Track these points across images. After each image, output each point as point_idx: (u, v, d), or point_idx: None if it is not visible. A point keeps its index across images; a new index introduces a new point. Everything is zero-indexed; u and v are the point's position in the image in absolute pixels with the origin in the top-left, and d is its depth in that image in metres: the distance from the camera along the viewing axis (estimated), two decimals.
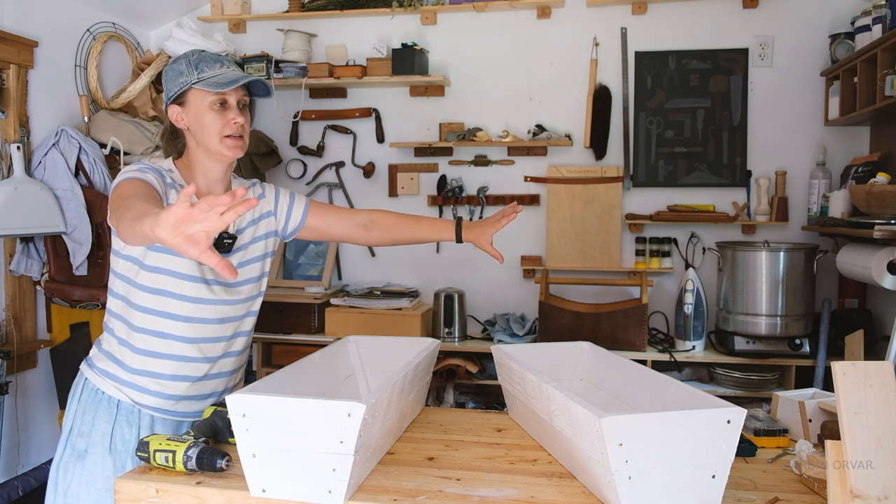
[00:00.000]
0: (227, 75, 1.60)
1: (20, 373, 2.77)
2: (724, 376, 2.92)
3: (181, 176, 1.66)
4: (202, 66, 1.60)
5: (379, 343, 1.90)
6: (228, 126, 1.61)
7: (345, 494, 1.25)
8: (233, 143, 1.61)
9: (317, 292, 3.32)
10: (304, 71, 3.39)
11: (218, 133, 1.60)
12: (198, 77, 1.59)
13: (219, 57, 1.63)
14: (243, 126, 1.63)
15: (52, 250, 2.80)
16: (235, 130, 1.61)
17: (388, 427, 1.48)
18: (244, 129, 1.64)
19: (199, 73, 1.60)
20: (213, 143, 1.61)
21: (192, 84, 1.59)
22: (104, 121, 3.05)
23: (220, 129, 1.60)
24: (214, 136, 1.60)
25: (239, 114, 1.62)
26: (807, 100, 3.15)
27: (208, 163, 1.65)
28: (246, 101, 1.65)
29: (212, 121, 1.60)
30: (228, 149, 1.61)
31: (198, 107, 1.60)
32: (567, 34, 3.33)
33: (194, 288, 1.62)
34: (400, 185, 3.49)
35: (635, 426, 1.16)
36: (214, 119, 1.60)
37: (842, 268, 2.76)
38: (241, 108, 1.63)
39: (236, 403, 1.26)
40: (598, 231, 3.29)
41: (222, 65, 1.62)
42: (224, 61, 1.63)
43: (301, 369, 1.58)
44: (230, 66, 1.63)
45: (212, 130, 1.60)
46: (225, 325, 1.68)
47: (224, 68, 1.62)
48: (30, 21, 2.82)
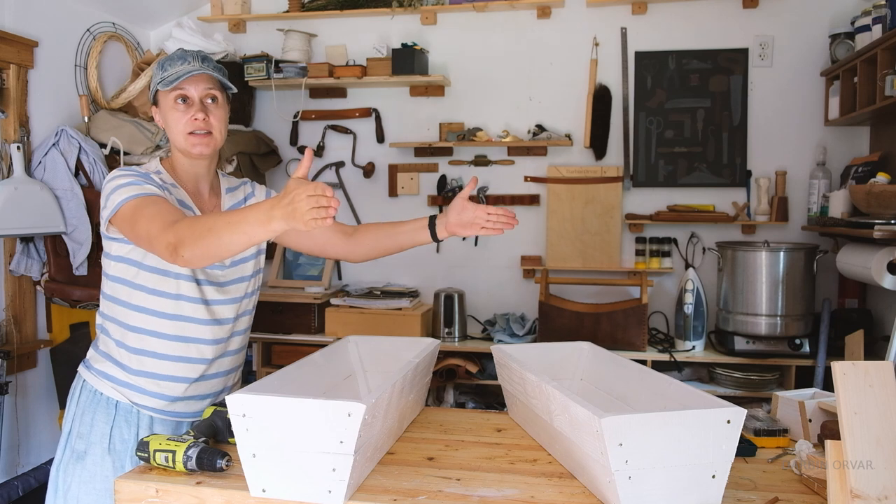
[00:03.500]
0: (182, 70, 1.57)
1: (20, 373, 2.77)
2: (724, 376, 2.92)
3: (169, 175, 1.66)
4: (166, 66, 1.59)
5: (379, 343, 1.90)
6: (190, 123, 1.58)
7: (345, 494, 1.25)
8: (196, 141, 1.59)
9: (317, 292, 3.32)
10: (304, 71, 3.39)
11: (182, 131, 1.59)
12: (161, 77, 1.59)
13: (185, 55, 1.59)
14: (207, 121, 1.59)
15: (52, 250, 2.80)
16: (197, 127, 1.58)
17: (388, 427, 1.48)
18: (210, 124, 1.60)
19: (163, 72, 1.59)
20: (179, 141, 1.60)
21: (156, 84, 1.60)
22: (104, 121, 3.05)
23: (183, 126, 1.59)
24: (179, 133, 1.59)
25: (200, 109, 1.58)
26: (807, 100, 3.15)
27: (185, 161, 1.65)
28: (214, 96, 1.61)
29: (175, 119, 1.59)
30: (193, 146, 1.60)
31: (165, 106, 1.61)
32: (567, 34, 3.33)
33: (190, 288, 1.62)
34: (400, 185, 3.49)
35: (635, 426, 1.16)
36: (178, 117, 1.59)
37: (842, 268, 2.76)
38: (207, 102, 1.60)
39: (236, 403, 1.26)
40: (598, 231, 3.29)
41: (185, 61, 1.58)
42: (188, 58, 1.59)
43: (301, 369, 1.58)
44: (193, 61, 1.58)
45: (176, 129, 1.59)
46: (221, 325, 1.68)
47: (186, 65, 1.58)
48: (30, 21, 2.82)
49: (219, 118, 1.62)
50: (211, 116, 1.60)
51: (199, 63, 1.58)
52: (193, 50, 1.62)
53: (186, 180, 1.66)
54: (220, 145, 1.65)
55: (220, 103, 1.63)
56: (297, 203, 1.25)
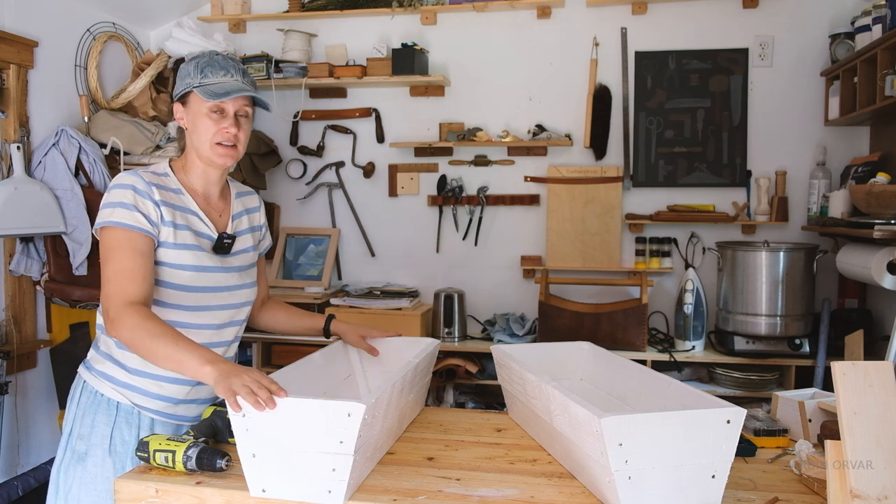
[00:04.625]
0: (227, 84, 1.60)
1: (20, 373, 2.77)
2: (724, 376, 2.92)
3: (176, 179, 1.66)
4: (207, 72, 1.61)
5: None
6: (220, 133, 1.61)
7: (345, 494, 1.25)
8: (223, 152, 1.62)
9: (317, 292, 3.32)
10: (304, 71, 3.39)
11: (210, 140, 1.61)
12: (199, 82, 1.60)
13: (227, 64, 1.63)
14: (236, 136, 1.63)
15: (52, 250, 2.80)
16: (227, 139, 1.62)
17: (388, 427, 1.48)
18: (238, 138, 1.63)
19: (203, 77, 1.61)
20: (204, 148, 1.63)
21: (193, 87, 1.61)
22: (104, 121, 3.05)
23: (213, 135, 1.61)
24: (206, 141, 1.62)
25: (233, 124, 1.62)
26: (807, 100, 3.15)
27: (200, 166, 1.67)
28: (247, 112, 1.65)
29: (206, 127, 1.61)
30: (218, 156, 1.63)
31: (196, 110, 1.62)
32: (567, 34, 3.33)
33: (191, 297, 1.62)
34: (400, 185, 3.49)
35: (635, 426, 1.16)
36: (209, 125, 1.61)
37: (842, 268, 2.76)
38: (239, 117, 1.63)
39: None
40: (598, 231, 3.29)
41: (227, 72, 1.62)
42: (230, 69, 1.62)
43: (301, 369, 1.58)
44: (235, 74, 1.63)
45: (204, 136, 1.62)
46: (224, 330, 1.69)
47: (227, 76, 1.61)
48: (30, 21, 2.82)
49: (246, 133, 1.66)
50: (241, 131, 1.64)
51: (241, 78, 1.63)
52: (232, 59, 1.65)
53: (197, 183, 1.68)
54: (240, 158, 1.69)
55: (249, 118, 1.67)
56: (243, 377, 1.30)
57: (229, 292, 1.68)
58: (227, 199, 1.75)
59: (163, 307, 1.59)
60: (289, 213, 3.63)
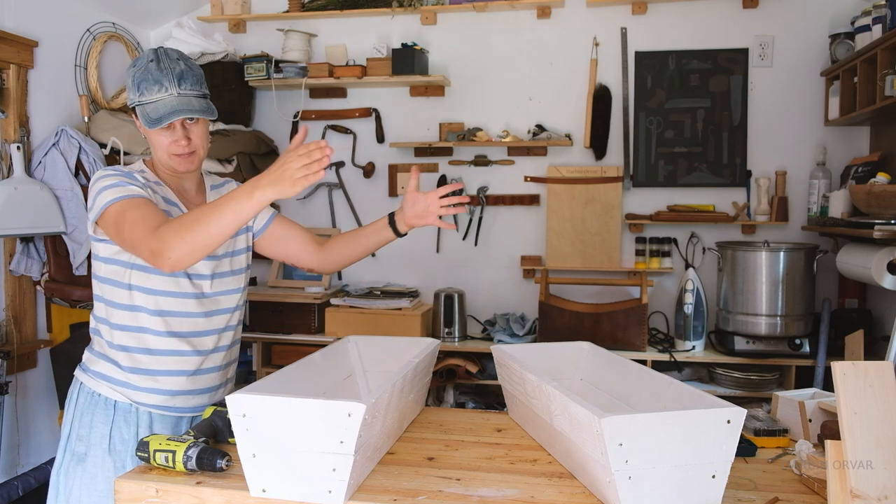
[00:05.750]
0: (161, 106, 1.55)
1: (20, 373, 2.77)
2: (724, 376, 2.92)
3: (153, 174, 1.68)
4: (143, 88, 1.56)
5: (379, 343, 1.90)
6: (172, 147, 1.59)
7: (345, 494, 1.25)
8: (180, 160, 1.61)
9: (317, 292, 3.32)
10: (304, 71, 3.39)
11: (165, 151, 1.61)
12: (138, 100, 1.57)
13: (161, 75, 1.55)
14: (191, 143, 1.60)
15: (52, 250, 2.80)
16: (181, 150, 1.60)
17: (389, 427, 1.48)
18: (194, 144, 1.61)
19: (140, 95, 1.57)
20: (163, 160, 1.63)
21: (133, 105, 1.60)
22: (104, 121, 3.05)
23: (167, 147, 1.60)
24: (162, 154, 1.62)
25: (183, 135, 1.59)
26: (807, 100, 3.15)
27: None
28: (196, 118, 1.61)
29: (158, 142, 1.60)
30: (177, 164, 1.62)
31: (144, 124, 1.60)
32: (567, 34, 3.33)
33: (184, 283, 1.63)
34: (400, 185, 3.49)
35: (635, 426, 1.16)
36: (160, 140, 1.60)
37: (842, 268, 2.76)
38: (188, 123, 1.60)
39: (236, 403, 1.26)
40: (598, 231, 3.29)
41: (161, 86, 1.54)
42: (164, 82, 1.54)
43: (301, 369, 1.58)
44: (170, 87, 1.55)
45: (158, 149, 1.61)
46: (213, 318, 1.69)
47: (162, 91, 1.55)
48: (30, 21, 2.82)
49: (200, 135, 1.62)
50: (193, 136, 1.61)
51: (178, 88, 1.55)
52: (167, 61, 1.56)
53: (170, 181, 1.69)
54: (203, 158, 1.66)
55: (199, 121, 1.62)
56: (287, 165, 1.32)
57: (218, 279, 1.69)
58: (203, 193, 1.76)
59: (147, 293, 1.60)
60: (289, 213, 3.63)
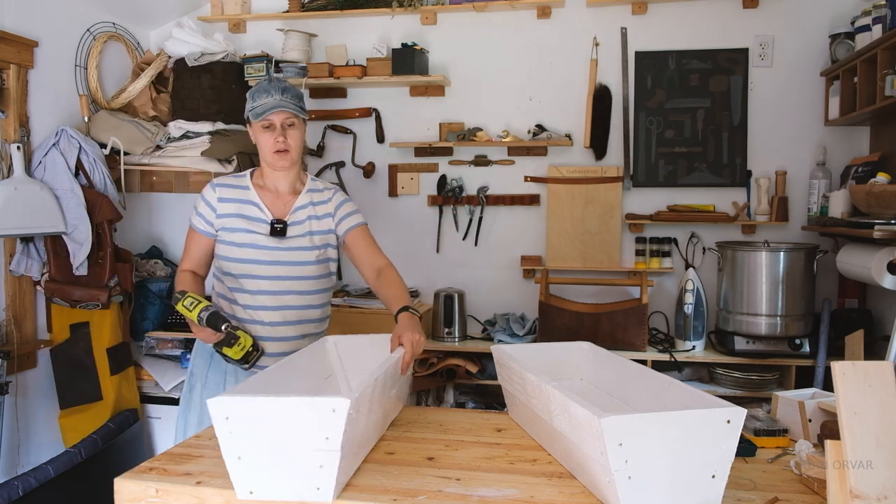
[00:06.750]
0: (265, 104, 1.97)
1: (20, 373, 2.77)
2: (724, 376, 2.92)
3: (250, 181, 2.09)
4: (255, 97, 2.00)
5: (358, 342, 1.92)
6: (273, 143, 2.00)
7: (333, 490, 1.25)
8: (278, 158, 2.02)
9: None
10: (304, 71, 3.38)
11: (269, 150, 2.01)
12: (251, 107, 2.00)
13: (269, 87, 1.99)
14: (286, 142, 2.00)
15: (52, 250, 2.80)
16: (279, 147, 2.00)
17: (373, 422, 1.49)
18: (289, 144, 2.01)
19: (253, 102, 2.00)
20: (266, 158, 2.05)
21: (248, 113, 2.02)
22: (104, 121, 3.05)
23: (269, 146, 2.01)
24: (266, 152, 2.03)
25: (281, 133, 2.00)
26: (807, 100, 3.15)
27: (268, 169, 2.08)
28: (293, 122, 2.01)
29: (263, 141, 2.03)
30: (276, 162, 2.03)
31: (255, 129, 2.03)
32: (567, 34, 3.33)
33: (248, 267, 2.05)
34: (400, 185, 3.50)
35: (635, 426, 1.16)
36: (264, 140, 2.02)
37: (842, 268, 2.76)
38: (286, 127, 2.00)
39: (218, 407, 1.25)
40: (598, 231, 3.29)
41: (268, 94, 1.98)
42: (272, 91, 1.98)
43: (283, 369, 1.59)
44: (275, 93, 1.97)
45: (264, 148, 2.03)
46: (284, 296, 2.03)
47: (268, 97, 1.97)
48: (30, 21, 2.82)
49: (295, 138, 2.03)
50: (289, 138, 2.02)
51: (280, 96, 1.98)
52: (276, 81, 2.01)
53: (268, 182, 2.10)
54: (297, 159, 2.06)
55: (296, 126, 2.04)
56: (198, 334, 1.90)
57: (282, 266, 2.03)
58: (295, 195, 2.10)
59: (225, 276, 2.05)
60: None
